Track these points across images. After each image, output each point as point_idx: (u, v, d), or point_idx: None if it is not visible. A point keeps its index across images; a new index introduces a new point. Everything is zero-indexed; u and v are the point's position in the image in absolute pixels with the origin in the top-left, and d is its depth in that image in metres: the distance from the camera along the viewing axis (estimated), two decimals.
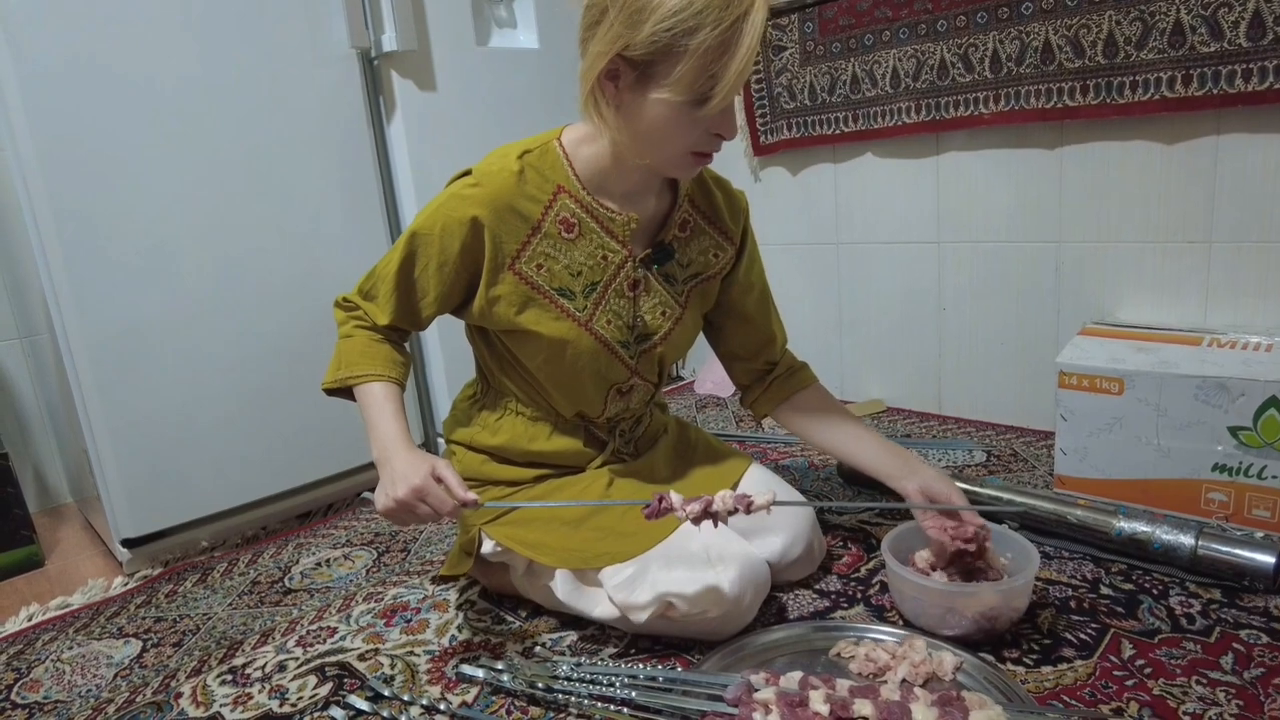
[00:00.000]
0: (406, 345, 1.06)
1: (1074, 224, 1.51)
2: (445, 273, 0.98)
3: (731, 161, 1.97)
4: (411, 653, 1.04)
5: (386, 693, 0.94)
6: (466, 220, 0.95)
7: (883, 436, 1.11)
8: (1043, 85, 1.44)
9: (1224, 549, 1.01)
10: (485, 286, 0.98)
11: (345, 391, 1.01)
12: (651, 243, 1.04)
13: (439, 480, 0.87)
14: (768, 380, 1.16)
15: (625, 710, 0.86)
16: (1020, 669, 0.89)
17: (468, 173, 0.99)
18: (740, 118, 1.91)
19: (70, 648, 1.14)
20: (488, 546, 1.07)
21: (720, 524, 0.95)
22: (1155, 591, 1.02)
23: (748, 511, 0.88)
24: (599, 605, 1.00)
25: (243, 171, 1.40)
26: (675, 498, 0.88)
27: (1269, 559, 0.98)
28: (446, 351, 1.71)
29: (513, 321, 0.99)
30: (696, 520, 0.87)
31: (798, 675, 0.84)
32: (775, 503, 0.88)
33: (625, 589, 0.96)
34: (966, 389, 1.74)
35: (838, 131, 1.75)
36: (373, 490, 0.90)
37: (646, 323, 1.05)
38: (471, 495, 0.87)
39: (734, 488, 1.11)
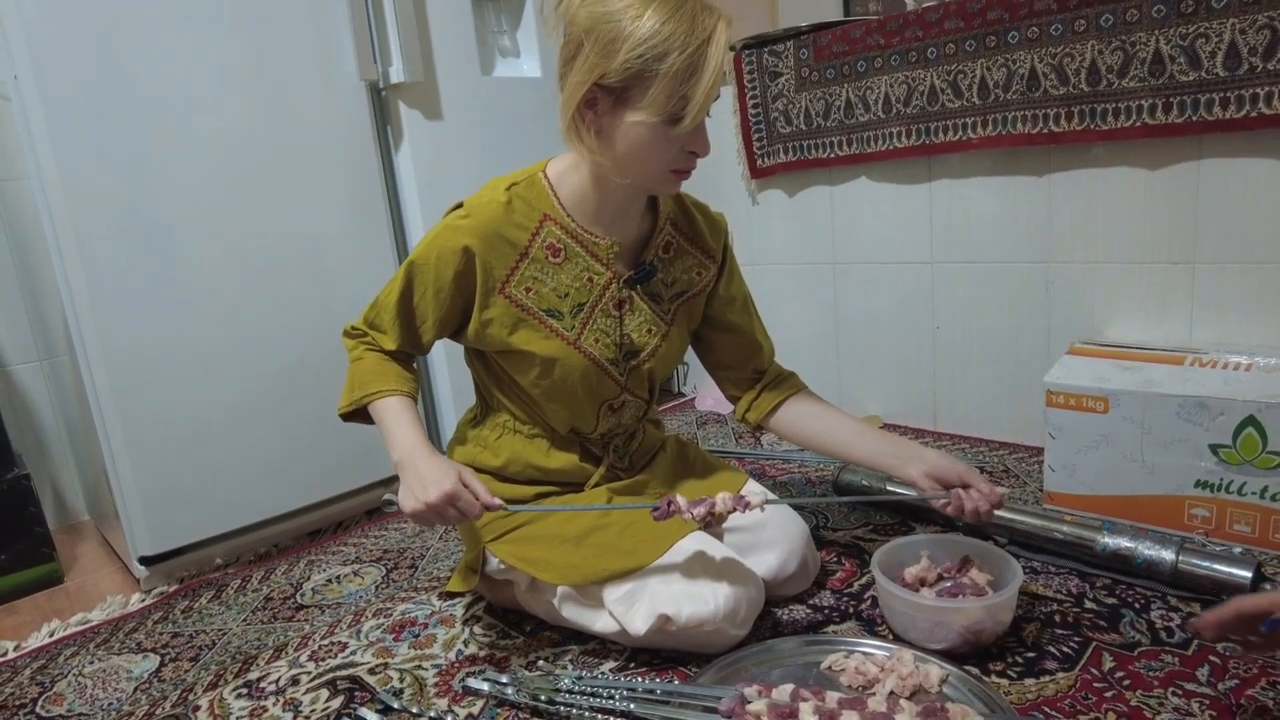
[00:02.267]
0: (414, 365, 1.11)
1: (1062, 245, 1.55)
2: (441, 299, 1.03)
3: (729, 184, 2.02)
4: (420, 666, 1.07)
5: (396, 705, 0.98)
6: (459, 249, 1.01)
7: (880, 430, 1.15)
8: (1029, 111, 1.49)
9: (1203, 564, 1.05)
10: (479, 310, 1.04)
11: (361, 414, 1.06)
12: (635, 264, 1.10)
13: (465, 486, 0.93)
14: (758, 388, 1.20)
15: None
16: (1004, 681, 0.93)
17: (460, 205, 1.05)
18: (737, 141, 1.96)
19: (91, 662, 1.18)
20: (492, 564, 1.11)
21: (718, 541, 1.00)
22: (1137, 605, 1.05)
23: (744, 511, 0.98)
24: (599, 620, 1.03)
25: (257, 197, 1.45)
26: (681, 501, 0.98)
27: (1246, 573, 1.01)
28: (453, 376, 1.76)
29: (505, 342, 1.05)
30: (700, 520, 0.98)
31: (789, 688, 0.87)
32: (769, 501, 0.99)
33: (624, 604, 0.99)
34: (961, 405, 1.78)
35: (832, 155, 1.80)
36: (395, 493, 0.95)
37: (633, 340, 1.10)
38: (497, 500, 0.95)
39: None
